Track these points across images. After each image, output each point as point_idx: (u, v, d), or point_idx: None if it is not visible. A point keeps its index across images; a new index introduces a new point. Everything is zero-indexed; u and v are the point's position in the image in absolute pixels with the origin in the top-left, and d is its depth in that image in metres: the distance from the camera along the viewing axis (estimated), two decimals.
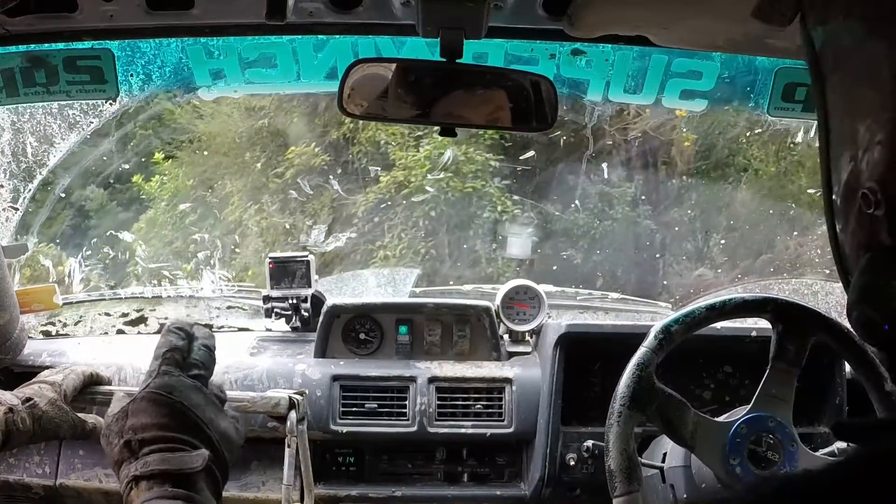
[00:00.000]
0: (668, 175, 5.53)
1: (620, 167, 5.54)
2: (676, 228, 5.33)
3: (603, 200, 5.44)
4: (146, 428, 1.03)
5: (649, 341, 1.55)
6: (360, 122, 4.90)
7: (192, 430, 1.04)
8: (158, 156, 5.56)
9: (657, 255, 5.35)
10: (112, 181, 5.48)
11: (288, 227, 5.45)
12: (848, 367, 1.92)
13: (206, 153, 5.71)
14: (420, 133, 5.28)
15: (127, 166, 5.46)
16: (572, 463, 1.97)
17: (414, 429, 1.98)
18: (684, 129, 5.28)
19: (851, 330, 1.58)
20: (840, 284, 0.64)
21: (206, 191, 5.59)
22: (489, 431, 2.00)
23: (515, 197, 5.38)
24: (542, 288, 2.19)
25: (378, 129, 5.28)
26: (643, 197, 5.51)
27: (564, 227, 5.39)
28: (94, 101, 1.95)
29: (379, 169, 5.35)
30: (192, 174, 5.67)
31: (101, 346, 2.17)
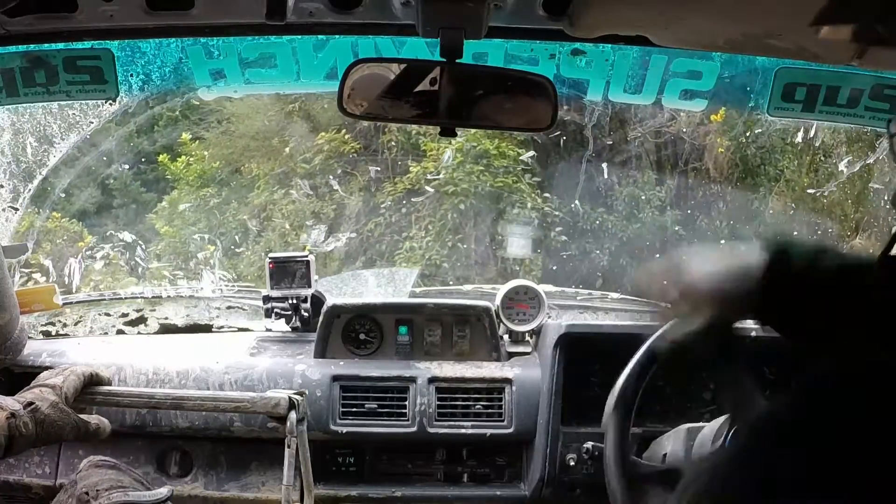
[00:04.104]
0: (699, 181, 5.51)
1: (651, 170, 5.52)
2: (706, 234, 5.30)
3: (632, 203, 5.42)
4: (100, 483, 1.11)
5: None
6: None
7: (139, 484, 1.20)
8: (185, 136, 5.54)
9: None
10: (138, 161, 5.50)
11: (314, 212, 5.43)
12: None
13: (233, 135, 5.67)
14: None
15: (151, 147, 5.48)
16: (572, 463, 1.97)
17: (414, 429, 1.98)
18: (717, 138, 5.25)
19: None
20: None
21: (232, 173, 5.58)
22: (489, 432, 2.00)
23: (546, 194, 5.37)
24: (542, 288, 2.19)
25: None
26: (673, 201, 5.49)
27: (592, 228, 5.37)
28: (94, 102, 1.95)
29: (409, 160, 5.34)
30: (218, 156, 5.65)
31: (100, 346, 2.17)
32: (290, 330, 2.25)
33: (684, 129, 5.25)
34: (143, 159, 5.53)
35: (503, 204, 5.31)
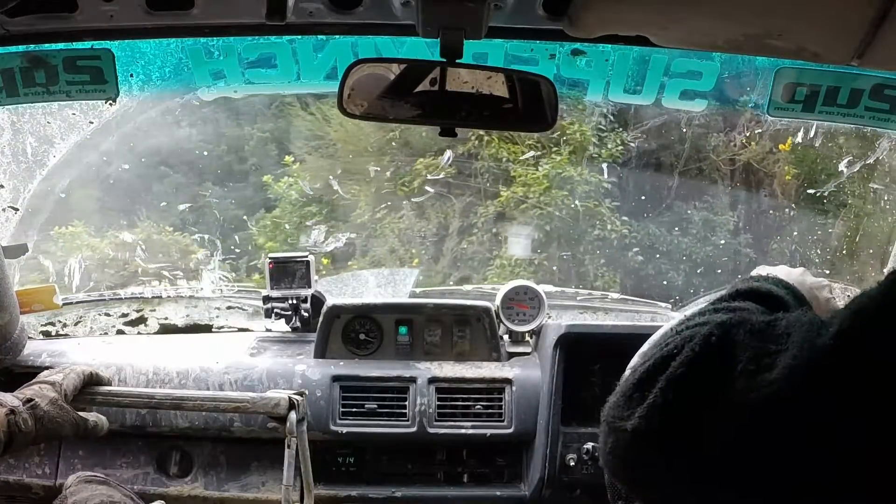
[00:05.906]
0: (769, 206, 5.75)
1: (725, 195, 5.79)
2: (776, 257, 5.49)
3: (707, 227, 5.68)
4: (91, 499, 1.12)
5: None
6: (484, 139, 5.33)
7: (129, 500, 1.22)
8: (289, 158, 5.93)
9: None
10: (229, 180, 5.84)
11: (422, 232, 5.80)
12: None
13: (333, 158, 6.02)
14: (539, 153, 5.63)
15: (240, 166, 5.90)
16: (572, 464, 1.97)
17: (414, 429, 1.98)
18: (786, 164, 5.54)
19: None
20: None
21: (332, 195, 5.87)
22: (489, 432, 2.00)
23: (624, 217, 5.69)
24: (542, 288, 2.19)
25: (500, 147, 5.61)
26: (745, 226, 5.73)
27: (668, 250, 5.61)
28: (95, 102, 1.95)
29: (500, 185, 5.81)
30: (319, 178, 5.96)
31: (100, 346, 2.17)
32: (290, 330, 2.25)
33: (756, 157, 5.53)
34: (235, 177, 5.90)
35: (584, 226, 5.68)
